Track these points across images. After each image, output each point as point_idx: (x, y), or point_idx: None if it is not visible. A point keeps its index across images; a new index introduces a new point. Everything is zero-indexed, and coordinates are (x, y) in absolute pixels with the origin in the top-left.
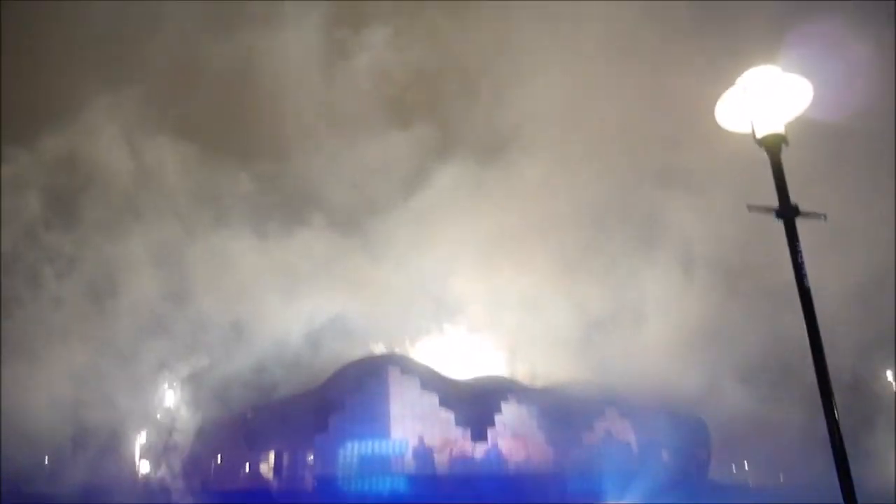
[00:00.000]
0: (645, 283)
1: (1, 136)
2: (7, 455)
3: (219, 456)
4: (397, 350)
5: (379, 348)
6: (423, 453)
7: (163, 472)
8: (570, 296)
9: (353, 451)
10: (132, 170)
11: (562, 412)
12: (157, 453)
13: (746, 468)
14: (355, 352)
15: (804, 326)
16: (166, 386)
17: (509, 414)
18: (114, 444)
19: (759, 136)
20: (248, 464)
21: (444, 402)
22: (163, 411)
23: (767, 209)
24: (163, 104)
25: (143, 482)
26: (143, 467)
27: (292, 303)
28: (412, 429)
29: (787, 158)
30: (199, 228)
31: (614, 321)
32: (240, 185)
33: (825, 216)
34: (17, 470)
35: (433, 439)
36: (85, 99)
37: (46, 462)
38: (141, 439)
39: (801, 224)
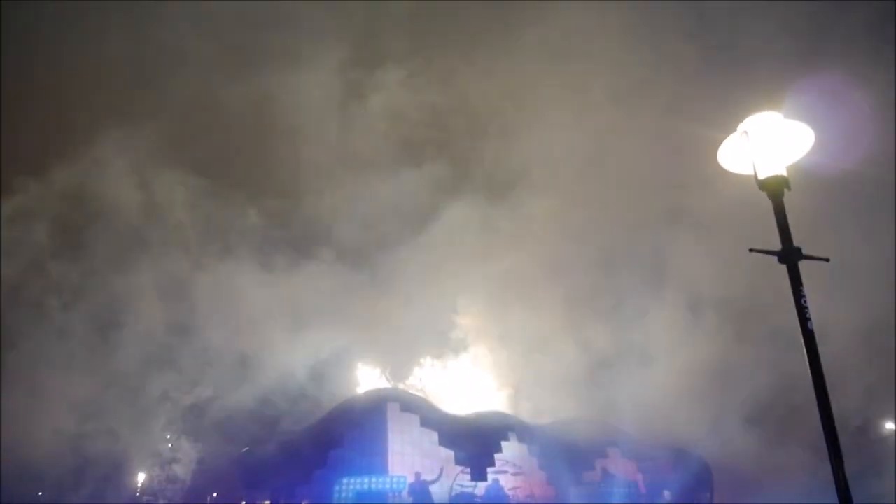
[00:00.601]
0: (651, 324)
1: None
2: (7, 487)
3: (215, 491)
4: (401, 385)
5: (382, 383)
6: (422, 490)
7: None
8: (575, 335)
9: (350, 487)
10: (141, 202)
11: (565, 451)
12: (155, 486)
13: None
14: (359, 386)
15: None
16: (169, 418)
17: (511, 452)
18: (114, 475)
19: (760, 178)
20: (244, 500)
21: (445, 439)
22: (164, 444)
23: (770, 252)
24: (176, 140)
25: None
26: (142, 500)
27: (299, 336)
28: (411, 465)
29: (792, 202)
30: (206, 261)
31: (620, 361)
32: (249, 220)
33: (828, 259)
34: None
35: (432, 476)
36: (97, 132)
37: (41, 494)
38: (141, 472)
39: (807, 265)
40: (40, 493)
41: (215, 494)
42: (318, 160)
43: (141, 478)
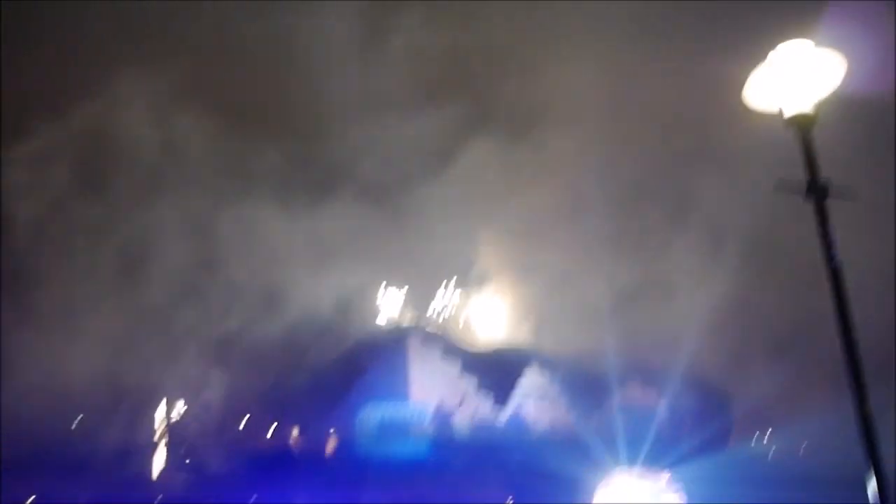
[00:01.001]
0: (674, 258)
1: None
2: (41, 419)
3: (246, 417)
4: (424, 318)
5: (406, 317)
6: (444, 418)
7: (190, 432)
8: (599, 268)
9: (374, 415)
10: (164, 140)
11: (586, 381)
12: (185, 416)
13: (768, 440)
14: (382, 318)
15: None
16: (198, 350)
17: (533, 381)
18: (145, 405)
19: (788, 114)
20: (272, 426)
21: (467, 369)
22: (194, 375)
23: (796, 189)
24: (196, 78)
25: (169, 444)
26: (171, 430)
27: (323, 269)
28: (433, 395)
29: (821, 136)
30: (229, 198)
31: (643, 294)
32: (271, 157)
33: (858, 194)
34: (52, 433)
35: (454, 405)
36: (118, 71)
37: (76, 426)
38: (171, 402)
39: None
40: (76, 421)
41: (245, 423)
42: (339, 99)
43: (173, 407)
